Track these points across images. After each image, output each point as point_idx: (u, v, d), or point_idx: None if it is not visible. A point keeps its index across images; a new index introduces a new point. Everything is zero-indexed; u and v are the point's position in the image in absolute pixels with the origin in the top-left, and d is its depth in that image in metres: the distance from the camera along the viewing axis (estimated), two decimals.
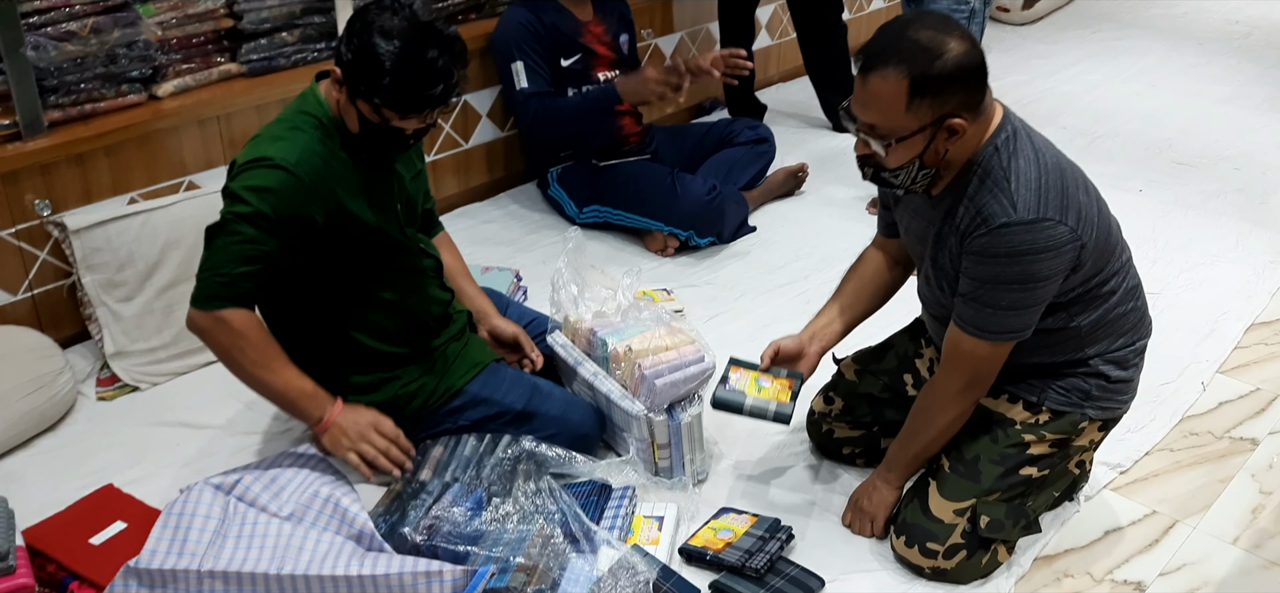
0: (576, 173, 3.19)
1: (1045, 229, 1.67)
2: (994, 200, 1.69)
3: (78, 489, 2.09)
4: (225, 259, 1.87)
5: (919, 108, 1.64)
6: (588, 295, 2.25)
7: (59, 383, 2.32)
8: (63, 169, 2.49)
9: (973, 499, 1.88)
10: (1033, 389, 1.90)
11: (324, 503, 1.89)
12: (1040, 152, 1.72)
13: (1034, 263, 1.68)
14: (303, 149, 1.89)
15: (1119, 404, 1.94)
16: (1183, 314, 2.78)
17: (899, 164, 1.71)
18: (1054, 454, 1.91)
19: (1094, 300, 1.83)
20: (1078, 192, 1.72)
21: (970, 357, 1.79)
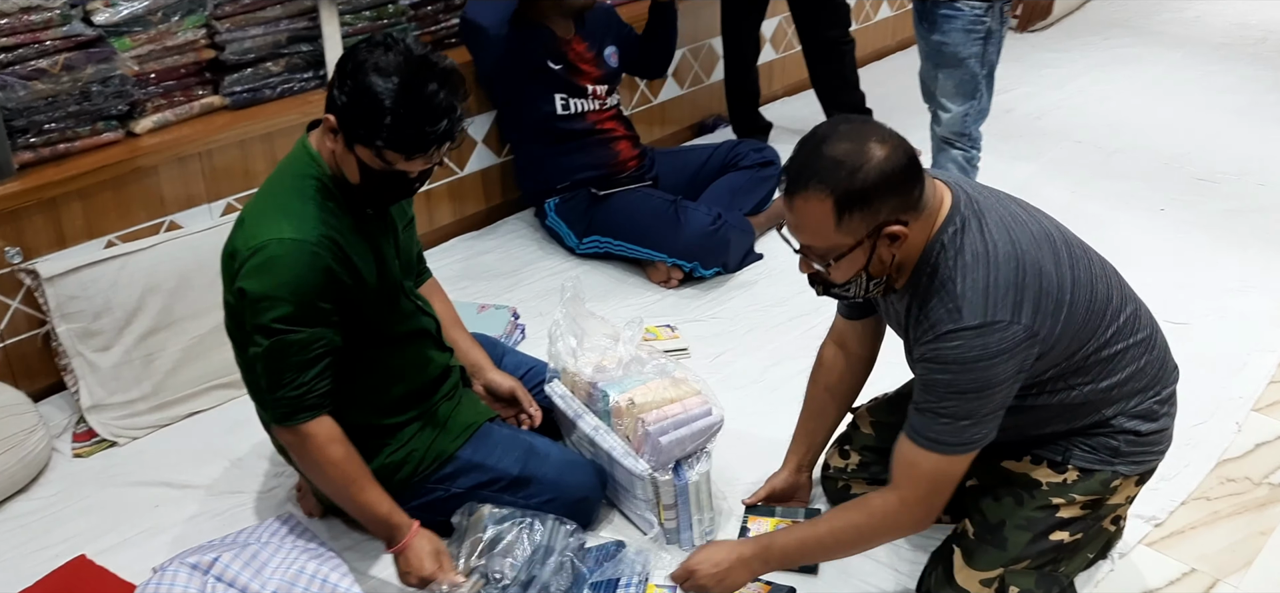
0: (574, 203, 3.07)
1: (996, 332, 1.55)
2: (940, 306, 1.58)
3: (48, 560, 1.98)
4: (293, 371, 1.72)
5: (850, 224, 1.54)
6: (587, 344, 2.13)
7: (31, 442, 2.20)
8: (34, 214, 2.37)
9: (1000, 569, 1.76)
10: (1058, 450, 1.77)
11: (310, 580, 1.78)
12: (991, 241, 1.58)
13: (987, 369, 1.56)
14: (314, 220, 1.74)
15: (1154, 455, 1.82)
16: (1212, 348, 2.65)
17: (846, 279, 1.62)
18: (1086, 515, 1.78)
19: (1094, 367, 1.70)
20: (1035, 278, 1.57)
21: (928, 473, 1.63)
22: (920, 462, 1.63)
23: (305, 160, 1.80)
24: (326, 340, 1.75)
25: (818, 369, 2.04)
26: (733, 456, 2.20)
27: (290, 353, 1.71)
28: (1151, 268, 2.99)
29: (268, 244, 1.70)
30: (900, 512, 1.66)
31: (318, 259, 1.71)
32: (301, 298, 1.70)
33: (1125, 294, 1.75)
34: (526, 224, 3.36)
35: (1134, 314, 1.75)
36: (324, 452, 1.77)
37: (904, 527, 1.71)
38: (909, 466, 1.64)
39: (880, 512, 1.67)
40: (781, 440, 2.11)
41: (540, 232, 3.28)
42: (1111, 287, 1.72)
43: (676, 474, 1.99)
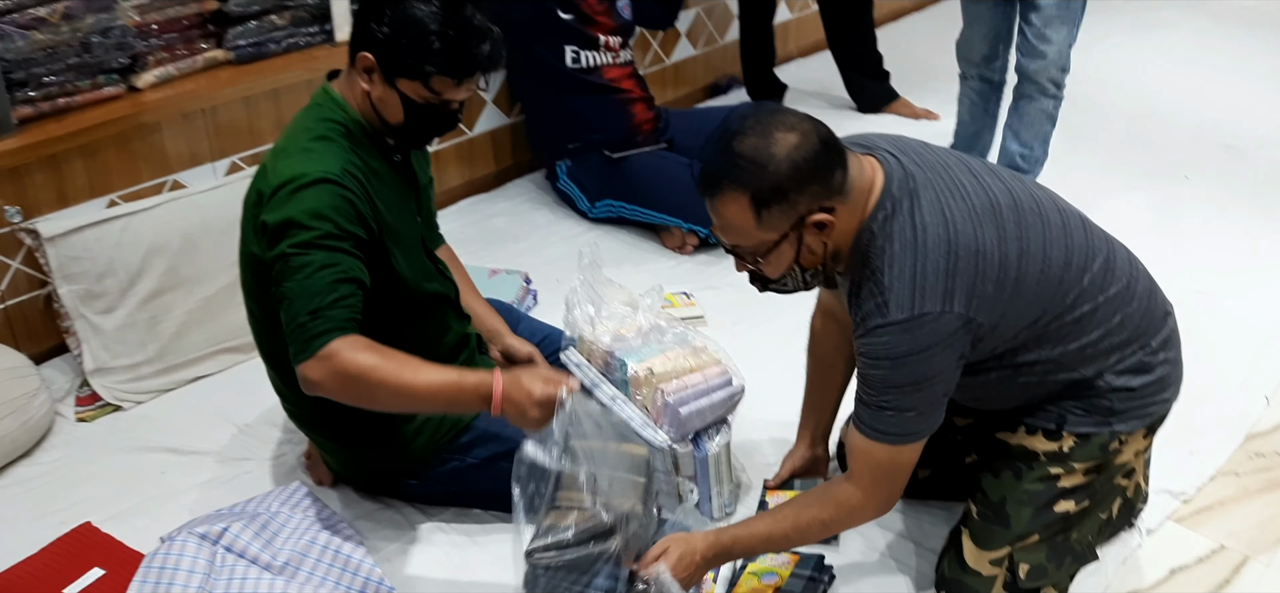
0: (588, 165, 3.00)
1: (926, 325, 1.48)
2: (869, 298, 1.52)
3: (54, 527, 1.93)
4: (308, 298, 1.58)
5: (770, 219, 1.48)
6: (605, 312, 2.07)
7: (33, 406, 2.15)
8: (34, 171, 2.30)
9: (1007, 547, 1.71)
10: (1050, 417, 1.70)
11: (322, 551, 1.73)
12: (922, 225, 1.51)
13: (921, 363, 1.50)
14: (341, 160, 1.68)
15: (1157, 403, 1.73)
16: (1239, 320, 2.59)
17: (779, 274, 1.56)
18: (1091, 482, 1.72)
19: (1060, 332, 1.62)
20: (970, 261, 1.50)
21: (882, 464, 1.59)
22: (872, 452, 1.58)
23: (329, 106, 1.76)
24: (351, 268, 1.63)
25: (812, 342, 2.00)
26: (752, 424, 2.15)
27: (308, 276, 1.59)
28: (1176, 239, 2.94)
29: (293, 180, 1.64)
30: (862, 502, 1.62)
31: (344, 192, 1.65)
32: (327, 225, 1.62)
33: (1093, 249, 1.65)
34: (537, 187, 3.29)
35: (1104, 270, 1.64)
36: (355, 362, 1.57)
37: (866, 516, 1.66)
38: (862, 456, 1.60)
39: (843, 503, 1.63)
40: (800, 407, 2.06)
41: (551, 194, 3.21)
42: (1073, 248, 1.62)
43: (696, 446, 1.94)
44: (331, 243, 1.63)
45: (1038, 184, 1.69)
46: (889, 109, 3.75)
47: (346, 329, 1.60)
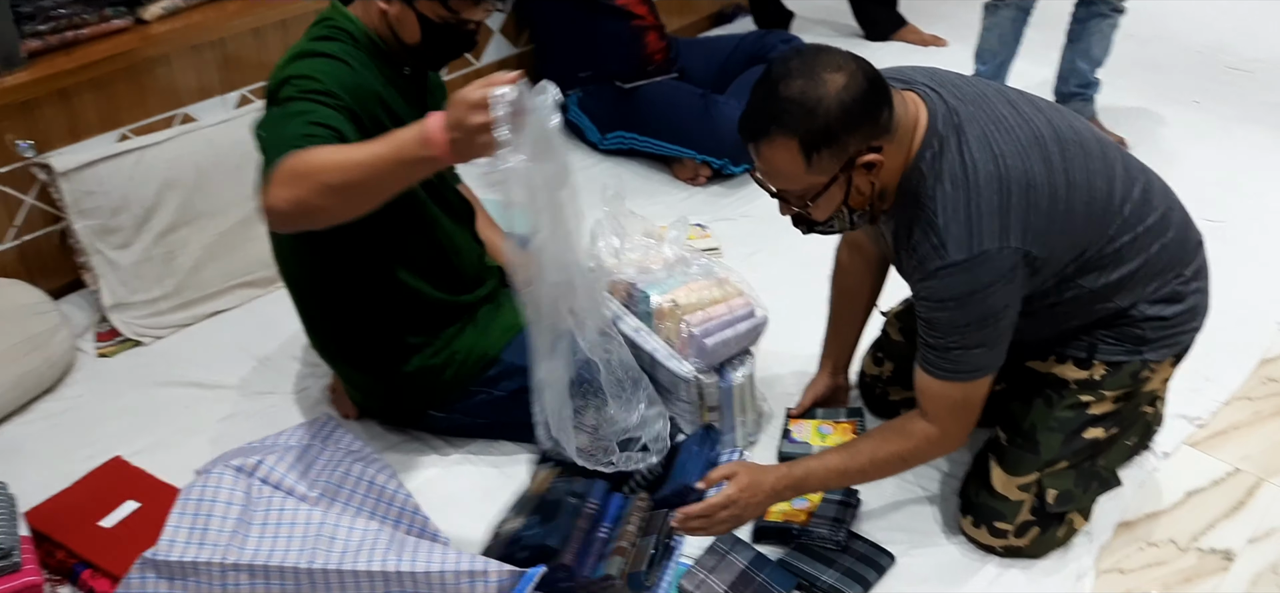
0: (599, 96, 2.97)
1: (985, 263, 1.49)
2: (924, 241, 1.52)
3: (83, 462, 1.95)
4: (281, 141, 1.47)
5: (820, 163, 1.46)
6: (629, 245, 2.07)
7: (55, 342, 2.15)
8: (45, 105, 2.28)
9: (1036, 473, 1.74)
10: (1082, 346, 1.72)
11: (356, 481, 1.75)
12: (971, 162, 1.50)
13: (984, 300, 1.51)
14: (342, 55, 1.67)
15: (1186, 332, 1.75)
16: (1252, 247, 2.61)
17: (827, 216, 1.55)
18: (1120, 409, 1.75)
19: (1101, 263, 1.63)
20: (1022, 194, 1.50)
21: (956, 400, 1.60)
22: (947, 393, 1.60)
23: (340, 19, 1.74)
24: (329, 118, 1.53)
25: (836, 273, 2.00)
26: (772, 355, 2.16)
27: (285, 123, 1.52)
28: (1186, 163, 2.94)
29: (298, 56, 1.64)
30: (940, 437, 1.64)
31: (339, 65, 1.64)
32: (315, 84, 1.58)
33: (1131, 177, 1.65)
34: None
35: (1142, 199, 1.65)
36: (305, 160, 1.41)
37: (944, 450, 1.68)
38: (937, 397, 1.61)
39: (921, 439, 1.64)
40: (819, 337, 2.08)
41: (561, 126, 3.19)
42: (1114, 177, 1.63)
43: (721, 376, 1.95)
44: (315, 96, 1.57)
45: (1073, 113, 1.68)
46: (896, 36, 3.72)
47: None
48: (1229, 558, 1.81)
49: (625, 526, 1.71)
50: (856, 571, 1.73)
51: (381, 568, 1.60)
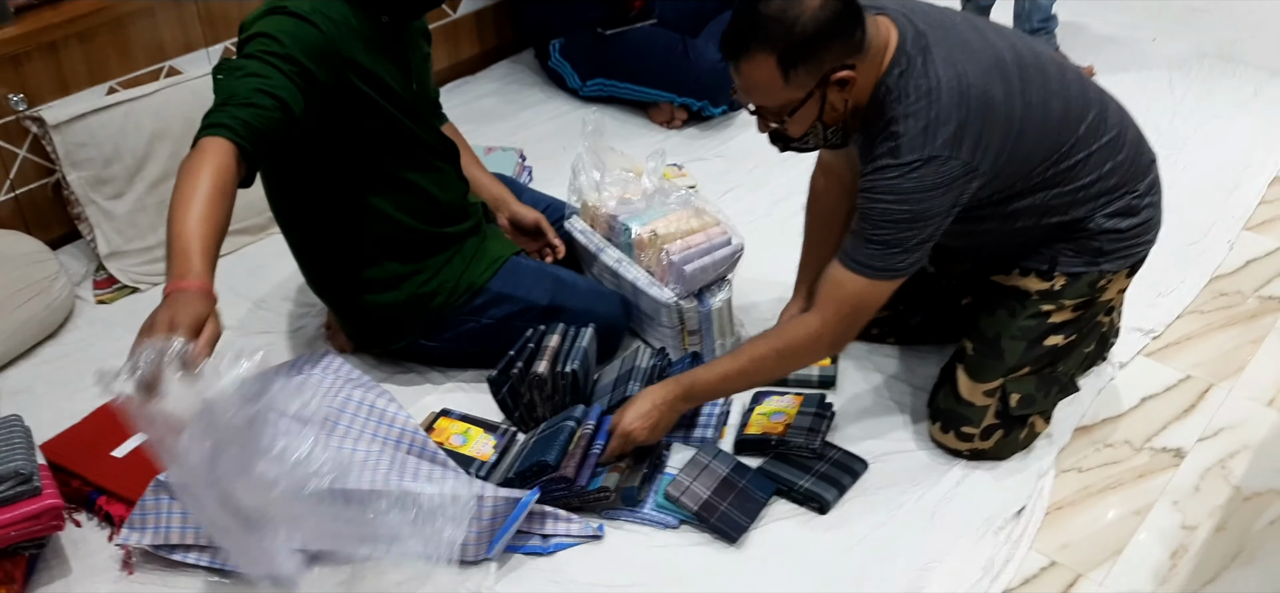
0: (580, 43, 3.04)
1: (932, 166, 1.58)
2: (883, 144, 1.61)
3: (88, 401, 2.01)
4: (226, 95, 1.55)
5: (797, 78, 1.56)
6: (609, 179, 2.16)
7: (55, 289, 2.21)
8: (34, 59, 2.32)
9: (1000, 379, 1.85)
10: (1043, 259, 1.83)
11: (357, 406, 1.83)
12: (936, 78, 1.59)
13: (921, 201, 1.60)
14: (314, 15, 1.70)
15: (1141, 244, 1.86)
16: (1204, 170, 2.73)
17: (802, 132, 1.64)
18: (1079, 317, 1.86)
19: (1056, 178, 1.73)
20: (980, 111, 1.60)
21: (851, 296, 1.67)
22: (846, 284, 1.67)
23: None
24: (279, 86, 1.59)
25: (811, 200, 2.08)
26: (748, 283, 2.26)
27: (237, 77, 1.57)
28: (1145, 95, 3.05)
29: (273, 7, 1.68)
30: (820, 333, 1.70)
31: (308, 28, 1.66)
32: (274, 42, 1.62)
33: (1087, 100, 1.75)
34: (524, 67, 3.33)
35: (1097, 120, 1.75)
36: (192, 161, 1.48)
37: (822, 349, 1.74)
38: (835, 286, 1.69)
39: (801, 335, 1.72)
40: (793, 265, 2.17)
41: (539, 74, 3.25)
42: (1070, 100, 1.73)
43: (700, 301, 2.04)
44: (272, 58, 1.61)
45: (1037, 41, 1.78)
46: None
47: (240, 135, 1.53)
48: (1180, 456, 1.93)
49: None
50: (832, 475, 1.84)
51: (384, 487, 1.69)
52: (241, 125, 1.53)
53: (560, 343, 1.96)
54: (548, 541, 1.75)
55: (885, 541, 1.75)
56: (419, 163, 1.95)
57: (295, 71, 1.63)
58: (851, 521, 1.79)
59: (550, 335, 1.97)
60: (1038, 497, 1.84)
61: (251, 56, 1.62)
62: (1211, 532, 1.79)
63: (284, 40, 1.64)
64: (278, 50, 1.62)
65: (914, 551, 1.73)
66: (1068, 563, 1.73)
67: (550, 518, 1.76)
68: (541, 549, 1.74)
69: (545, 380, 1.90)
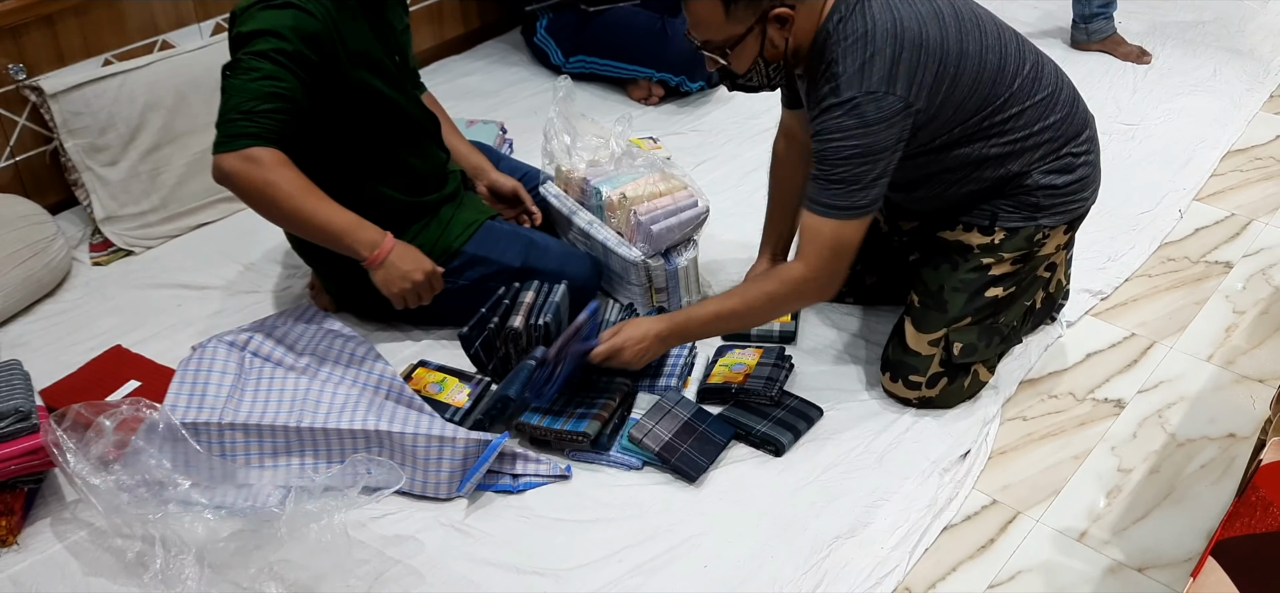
0: (565, 20, 3.14)
1: (871, 102, 1.69)
2: (824, 84, 1.73)
3: (86, 352, 2.12)
4: (244, 97, 1.75)
5: (737, 13, 1.69)
6: (580, 145, 2.26)
7: (53, 249, 2.31)
8: (33, 31, 2.42)
9: (944, 329, 1.95)
10: (983, 214, 1.94)
11: (339, 353, 1.93)
12: (871, 21, 1.70)
13: (865, 136, 1.70)
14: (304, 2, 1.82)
15: (1078, 202, 1.96)
16: (1160, 145, 2.83)
17: (745, 67, 1.77)
18: (1018, 270, 1.96)
19: (992, 130, 1.84)
20: (913, 52, 1.70)
21: (828, 239, 1.77)
22: (820, 229, 1.78)
23: None
24: (290, 87, 1.78)
25: (774, 164, 2.18)
26: (716, 247, 2.37)
27: (248, 82, 1.75)
28: (1108, 73, 3.16)
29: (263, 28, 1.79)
30: (806, 278, 1.80)
31: (308, 17, 1.80)
32: (281, 42, 1.77)
33: (1022, 57, 1.86)
34: (508, 46, 3.43)
35: (1033, 76, 1.86)
36: (274, 170, 1.76)
37: (811, 293, 1.84)
38: (811, 233, 1.80)
39: (789, 280, 1.83)
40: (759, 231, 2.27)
41: (523, 53, 3.36)
42: (1007, 55, 1.83)
43: (667, 260, 2.15)
44: (281, 58, 1.77)
45: (980, 5, 1.88)
46: None
47: (270, 140, 1.77)
48: (1120, 406, 2.04)
49: (609, 399, 1.91)
50: (787, 421, 1.94)
51: (362, 427, 1.80)
52: (272, 132, 1.77)
53: (534, 299, 2.06)
54: (517, 479, 1.86)
55: (835, 481, 1.86)
56: (400, 134, 2.05)
57: (301, 69, 1.78)
58: (805, 463, 1.89)
59: (525, 292, 2.07)
60: (983, 442, 1.94)
61: (263, 56, 1.75)
62: (1145, 474, 1.89)
63: (288, 37, 1.76)
64: (285, 48, 1.76)
65: (863, 490, 1.84)
66: (1008, 502, 1.84)
67: (520, 459, 1.87)
68: (511, 488, 1.85)
69: (520, 334, 2.01)
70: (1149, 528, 1.79)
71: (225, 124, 1.77)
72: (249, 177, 1.76)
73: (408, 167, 2.08)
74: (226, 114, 1.77)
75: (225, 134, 1.77)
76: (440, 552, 1.73)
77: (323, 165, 2.00)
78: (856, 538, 1.75)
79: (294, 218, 1.81)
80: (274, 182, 1.76)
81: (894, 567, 1.71)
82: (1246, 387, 2.07)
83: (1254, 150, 2.84)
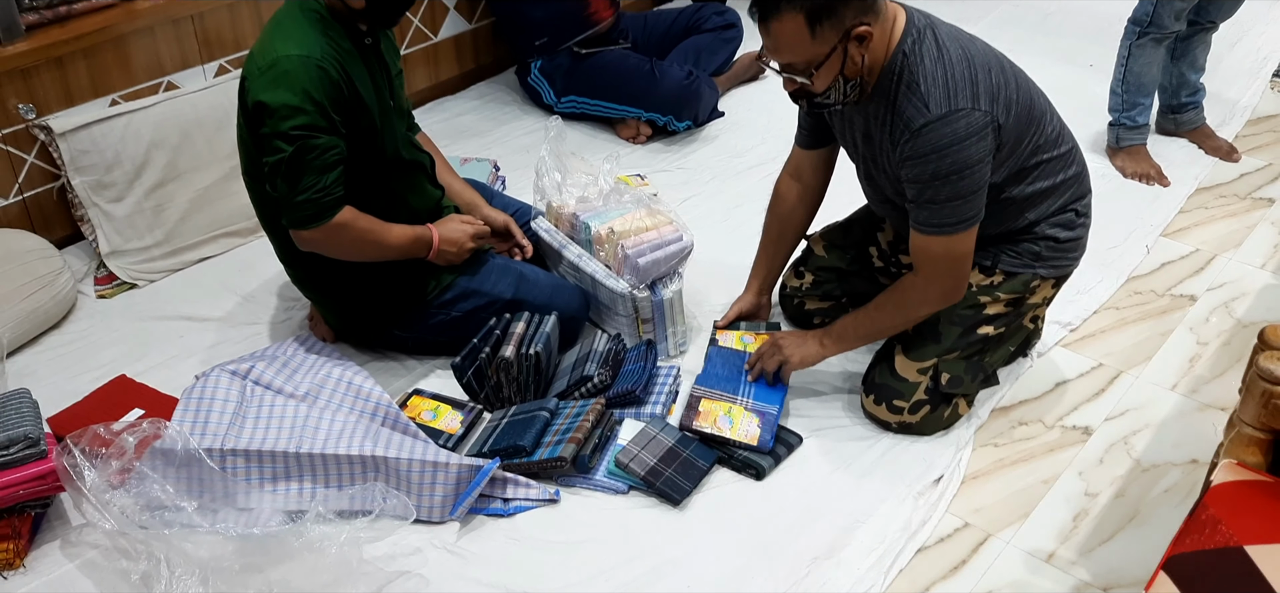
0: (558, 62, 3.24)
1: (960, 118, 1.78)
2: (909, 105, 1.81)
3: (91, 381, 2.19)
4: (314, 175, 1.92)
5: (822, 34, 1.75)
6: (570, 182, 2.35)
7: (59, 283, 2.39)
8: (43, 73, 2.51)
9: (934, 358, 2.04)
10: (987, 255, 2.04)
11: (337, 382, 2.01)
12: (944, 46, 1.82)
13: (961, 151, 1.80)
14: (318, 40, 1.93)
15: (1069, 261, 2.09)
16: (1129, 186, 2.94)
17: (826, 86, 1.84)
18: (1009, 312, 2.06)
19: (1025, 172, 1.95)
20: (987, 75, 1.82)
21: (943, 255, 1.89)
22: (930, 246, 1.89)
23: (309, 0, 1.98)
24: (340, 149, 1.95)
25: (774, 200, 2.27)
26: (701, 280, 2.45)
27: (311, 157, 1.91)
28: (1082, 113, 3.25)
29: (279, 60, 1.89)
30: (928, 290, 1.94)
31: (325, 73, 1.90)
32: (317, 106, 1.89)
33: (1051, 112, 1.99)
34: (502, 86, 3.53)
35: (1058, 130, 2.00)
36: (356, 228, 2.01)
37: (937, 301, 1.97)
38: (925, 253, 1.90)
39: (915, 295, 1.95)
40: (743, 266, 2.36)
41: (517, 93, 3.46)
42: (1046, 104, 1.97)
43: (653, 292, 2.23)
44: (327, 125, 1.91)
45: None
46: None
47: (341, 205, 1.97)
48: (1088, 433, 2.12)
49: (583, 420, 1.99)
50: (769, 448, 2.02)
51: (358, 452, 1.87)
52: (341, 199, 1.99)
53: (525, 329, 2.15)
54: (508, 503, 1.93)
55: (814, 503, 1.94)
56: (396, 172, 2.15)
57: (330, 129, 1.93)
58: (785, 486, 1.97)
59: (516, 322, 2.16)
60: (956, 467, 2.02)
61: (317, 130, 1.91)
62: (1111, 498, 1.98)
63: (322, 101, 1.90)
64: (328, 118, 1.92)
65: (840, 512, 1.92)
66: (980, 524, 1.92)
67: (510, 484, 1.94)
68: (502, 511, 1.92)
69: (510, 363, 2.09)
70: (1114, 549, 1.87)
71: (304, 204, 1.94)
72: (336, 241, 2.02)
73: (404, 204, 2.17)
74: (301, 196, 1.93)
75: (307, 214, 1.95)
76: (435, 573, 1.80)
77: None
78: (834, 559, 1.83)
79: (372, 255, 2.10)
80: (354, 237, 2.03)
81: (870, 587, 1.79)
82: (1209, 415, 2.16)
83: (1219, 188, 2.94)
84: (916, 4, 1.93)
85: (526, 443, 1.94)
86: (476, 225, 2.23)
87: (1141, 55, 2.94)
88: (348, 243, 2.03)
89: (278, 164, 1.91)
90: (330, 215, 1.96)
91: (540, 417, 2.00)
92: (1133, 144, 3.02)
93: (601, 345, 2.18)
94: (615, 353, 2.17)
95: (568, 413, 2.02)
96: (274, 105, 1.88)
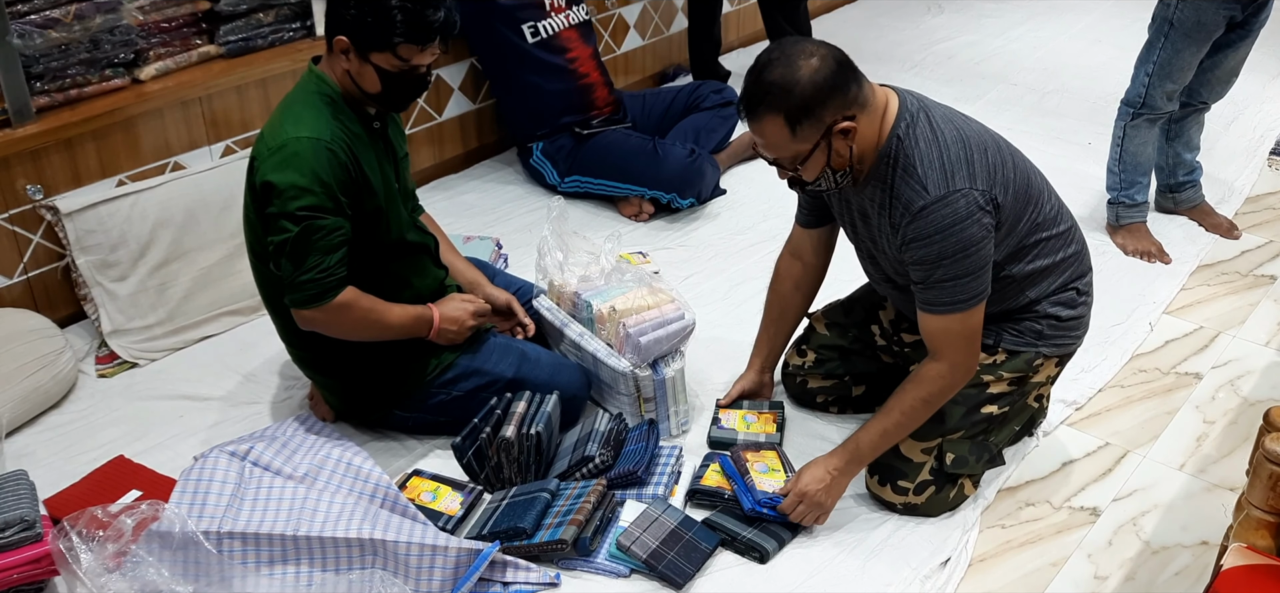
0: (560, 143, 3.28)
1: (959, 198, 1.80)
2: (907, 188, 1.83)
3: (89, 462, 2.17)
4: (319, 255, 1.94)
5: (804, 132, 1.78)
6: (572, 261, 2.36)
7: (61, 362, 2.38)
8: (52, 154, 2.54)
9: (939, 439, 2.02)
10: (989, 334, 2.03)
11: (336, 463, 1.99)
12: (939, 129, 1.84)
13: (964, 231, 1.81)
14: (327, 124, 1.96)
15: (1072, 340, 2.08)
16: (1131, 265, 2.94)
17: (814, 176, 1.86)
18: (1012, 392, 2.05)
19: (1024, 250, 1.95)
20: (982, 155, 1.84)
21: (958, 332, 1.88)
22: (948, 326, 1.88)
23: (316, 80, 2.03)
24: (345, 231, 1.97)
25: (776, 279, 2.28)
26: (703, 358, 2.45)
27: (316, 238, 1.92)
28: (1080, 192, 3.29)
29: (288, 142, 1.92)
30: (946, 372, 1.91)
31: (334, 155, 1.93)
32: (324, 188, 1.91)
33: (1048, 190, 2.00)
34: (505, 165, 3.57)
35: (1056, 209, 2.01)
36: (358, 308, 2.01)
37: (959, 381, 1.94)
38: (939, 334, 1.89)
39: (935, 380, 1.92)
40: (745, 343, 2.36)
41: (519, 172, 3.49)
42: (1043, 183, 1.98)
43: (655, 371, 2.23)
44: (333, 206, 1.93)
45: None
46: None
47: (343, 285, 1.98)
48: (1096, 514, 2.10)
49: (584, 502, 1.97)
50: (772, 528, 2.00)
51: (357, 535, 1.85)
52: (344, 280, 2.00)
53: (526, 409, 2.14)
54: (507, 587, 1.90)
55: (819, 587, 1.91)
56: (400, 253, 2.16)
57: (336, 209, 1.95)
58: (789, 569, 1.94)
59: (517, 402, 2.15)
60: (963, 549, 2.00)
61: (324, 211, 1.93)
62: (1121, 582, 1.95)
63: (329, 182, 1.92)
64: (335, 199, 1.94)
65: None
66: None
67: (510, 567, 1.91)
68: None
69: (511, 443, 2.07)
70: None
71: (308, 284, 1.95)
72: (337, 322, 2.02)
73: (407, 285, 2.17)
74: (305, 275, 1.95)
75: (311, 294, 1.96)
76: None
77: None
78: None
79: (373, 335, 2.10)
80: (356, 317, 2.03)
81: None
82: (1218, 495, 2.13)
83: (1221, 265, 2.95)
84: (912, 86, 1.96)
85: (527, 524, 1.92)
86: (477, 303, 2.22)
87: (1136, 136, 2.96)
88: (349, 323, 2.03)
89: (283, 243, 1.92)
90: (333, 296, 1.97)
91: (541, 498, 1.99)
92: (1132, 222, 3.03)
93: (603, 425, 2.17)
94: (617, 433, 2.15)
95: (569, 494, 2.00)
96: (282, 186, 1.90)
